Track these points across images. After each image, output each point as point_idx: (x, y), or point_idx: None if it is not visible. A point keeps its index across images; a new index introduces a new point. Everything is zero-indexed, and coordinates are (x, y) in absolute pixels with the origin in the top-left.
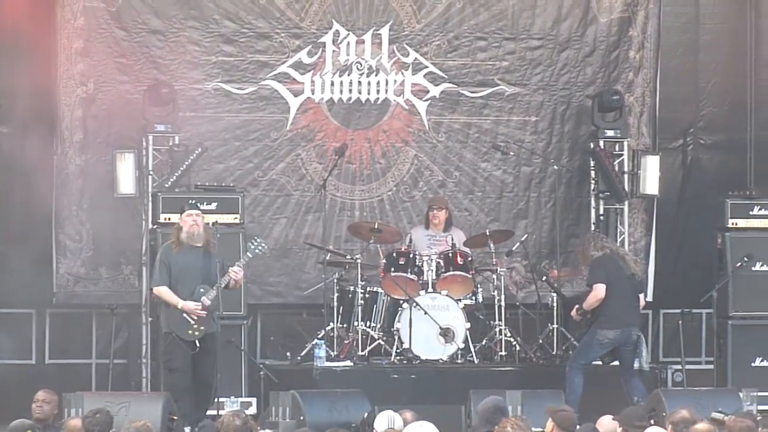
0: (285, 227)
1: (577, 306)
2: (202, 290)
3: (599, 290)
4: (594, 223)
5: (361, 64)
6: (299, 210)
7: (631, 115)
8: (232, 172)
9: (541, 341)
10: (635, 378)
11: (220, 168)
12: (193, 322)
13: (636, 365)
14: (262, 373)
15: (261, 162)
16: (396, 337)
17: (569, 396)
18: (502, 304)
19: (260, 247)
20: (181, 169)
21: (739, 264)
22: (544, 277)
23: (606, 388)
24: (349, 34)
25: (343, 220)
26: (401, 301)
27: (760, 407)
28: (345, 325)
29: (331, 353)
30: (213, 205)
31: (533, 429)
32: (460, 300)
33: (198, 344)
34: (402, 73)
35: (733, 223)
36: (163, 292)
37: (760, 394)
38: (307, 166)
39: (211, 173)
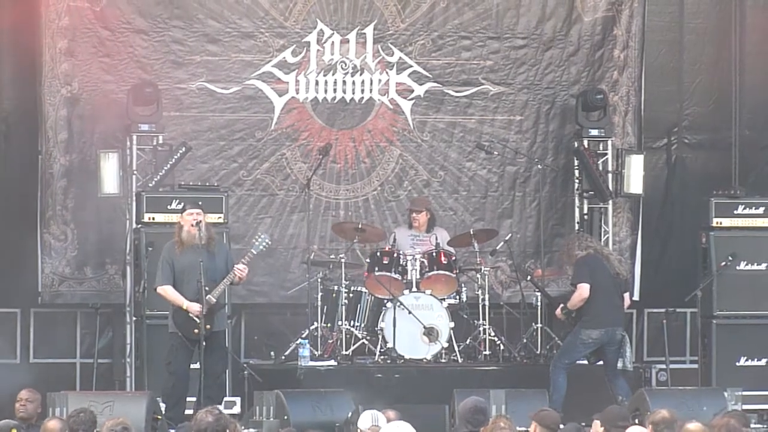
0: (270, 227)
1: (561, 305)
2: (206, 289)
3: (583, 290)
4: (578, 223)
5: (345, 64)
6: (284, 210)
7: (616, 114)
8: (217, 171)
9: (525, 340)
10: (619, 378)
11: (205, 168)
12: (198, 321)
13: (620, 365)
14: (246, 372)
15: (246, 161)
16: (380, 337)
17: (553, 395)
18: (486, 303)
19: (264, 243)
20: (165, 168)
21: (724, 263)
22: (529, 277)
23: (591, 388)
24: (333, 34)
25: (327, 219)
26: (385, 301)
27: (745, 406)
28: (329, 325)
29: (315, 353)
30: None
31: (517, 428)
32: (444, 299)
33: (205, 343)
34: (387, 73)
35: (717, 222)
36: (168, 291)
37: (744, 393)
38: (292, 166)
39: (195, 173)
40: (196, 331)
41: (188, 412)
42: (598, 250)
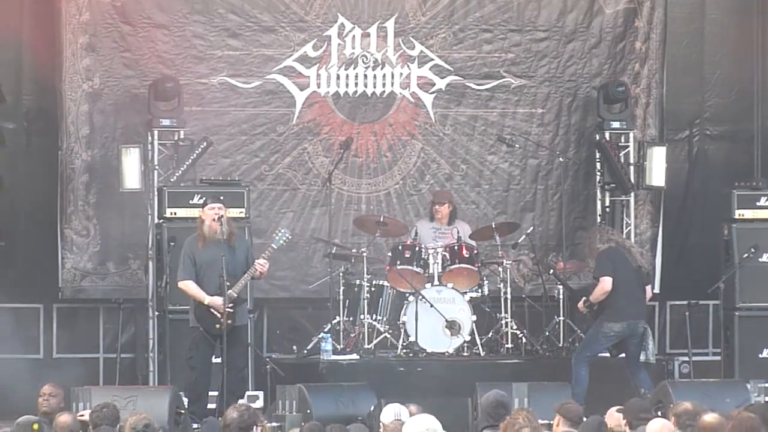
0: (292, 221)
1: (584, 299)
2: (228, 284)
3: (606, 283)
4: (600, 215)
5: (366, 58)
6: (306, 204)
7: (638, 107)
8: (239, 166)
9: (547, 333)
10: (642, 370)
11: (227, 162)
12: (220, 316)
13: (642, 358)
14: (268, 366)
15: (267, 156)
16: (402, 330)
17: (575, 388)
18: (509, 296)
19: (285, 238)
20: (187, 163)
21: (746, 255)
22: (551, 270)
23: (613, 381)
24: (354, 28)
25: (349, 213)
26: (407, 294)
27: None
28: (351, 319)
29: (338, 347)
30: None
31: (540, 422)
32: (465, 293)
33: (227, 338)
34: (408, 66)
35: (739, 214)
36: (190, 286)
37: (767, 385)
38: (314, 160)
39: (217, 168)
40: (217, 325)
41: (211, 406)
42: (620, 243)
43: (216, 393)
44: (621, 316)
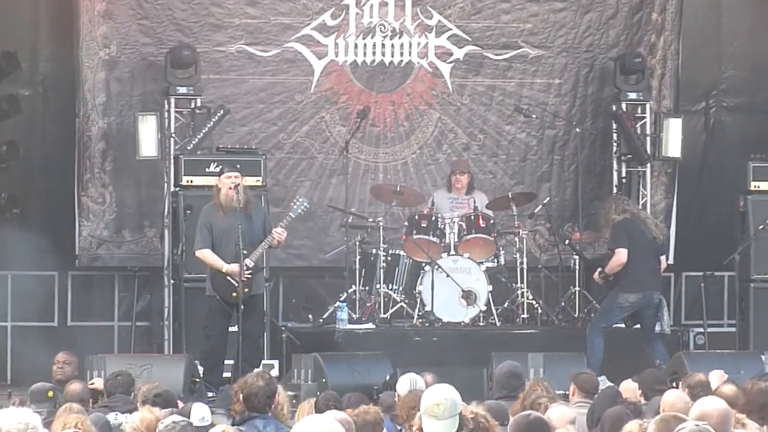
0: (309, 190)
1: (599, 270)
2: (245, 253)
3: (621, 255)
4: (616, 186)
5: (384, 27)
6: (323, 173)
7: (653, 78)
8: (256, 134)
9: (563, 304)
10: (657, 341)
11: (244, 131)
12: (236, 284)
13: (657, 329)
14: (284, 335)
15: (285, 125)
16: (418, 300)
17: (590, 359)
18: (525, 266)
19: (303, 207)
20: (203, 131)
21: (762, 227)
22: (567, 240)
23: (628, 351)
24: None
25: (366, 183)
26: (423, 264)
27: None
28: (367, 288)
29: (353, 316)
30: None
31: (556, 392)
32: (482, 263)
33: (243, 306)
34: (425, 36)
35: (755, 186)
36: (207, 254)
37: None
38: (331, 129)
39: (235, 136)
40: (234, 294)
41: (226, 375)
42: (635, 214)
43: (231, 362)
44: (636, 287)
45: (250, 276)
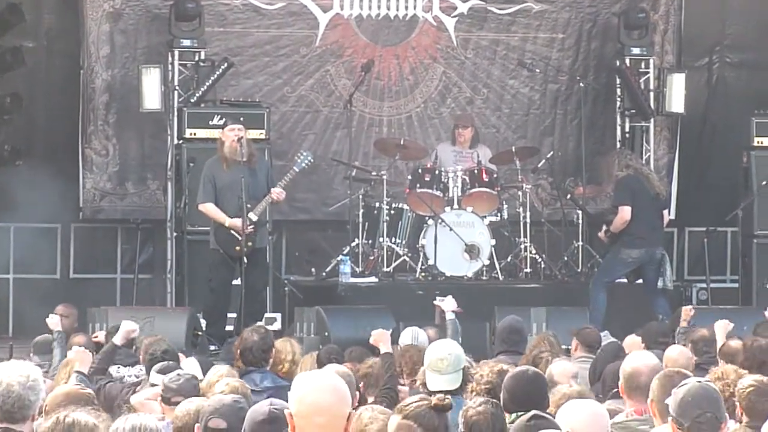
0: (313, 143)
1: (605, 229)
2: (248, 206)
3: (625, 212)
4: (619, 141)
5: None
6: (328, 126)
7: (656, 33)
8: (261, 87)
9: (566, 258)
10: (659, 296)
11: (249, 84)
12: (240, 238)
13: (660, 284)
14: (287, 288)
15: (290, 78)
16: (421, 254)
17: (593, 313)
18: (528, 221)
19: (307, 161)
20: (207, 84)
21: (765, 183)
22: (569, 195)
23: (631, 306)
24: None
25: (371, 136)
26: (426, 218)
27: None
28: (370, 242)
29: (356, 269)
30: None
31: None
32: (485, 217)
33: (247, 260)
34: None
35: (758, 142)
36: (210, 208)
37: None
38: (336, 82)
39: (239, 89)
40: (237, 248)
41: (229, 328)
42: (639, 170)
43: (234, 315)
44: (639, 242)
45: (253, 230)
